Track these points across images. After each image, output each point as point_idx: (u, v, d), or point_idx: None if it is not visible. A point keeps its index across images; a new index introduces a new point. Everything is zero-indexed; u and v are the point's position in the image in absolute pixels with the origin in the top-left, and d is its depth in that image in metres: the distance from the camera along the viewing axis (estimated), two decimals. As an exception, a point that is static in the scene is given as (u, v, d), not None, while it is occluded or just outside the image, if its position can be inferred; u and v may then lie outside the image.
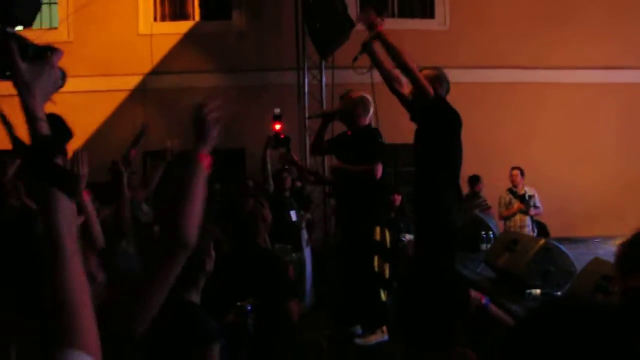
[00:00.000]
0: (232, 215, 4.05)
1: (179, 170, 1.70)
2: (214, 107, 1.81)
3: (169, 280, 1.56)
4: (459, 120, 3.91)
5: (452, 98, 4.02)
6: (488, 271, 4.50)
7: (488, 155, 8.54)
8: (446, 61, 8.93)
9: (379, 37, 3.71)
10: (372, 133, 4.65)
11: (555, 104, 9.26)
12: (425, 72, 3.90)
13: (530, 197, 7.55)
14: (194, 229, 1.60)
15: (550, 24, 9.16)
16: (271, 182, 5.91)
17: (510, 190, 7.71)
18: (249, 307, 2.72)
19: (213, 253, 2.33)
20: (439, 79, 3.92)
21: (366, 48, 3.90)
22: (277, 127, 6.70)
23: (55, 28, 9.40)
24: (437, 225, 3.74)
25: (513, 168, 7.77)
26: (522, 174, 7.76)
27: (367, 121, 4.69)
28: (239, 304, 2.74)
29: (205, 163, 1.69)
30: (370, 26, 3.82)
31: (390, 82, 4.05)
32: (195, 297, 2.28)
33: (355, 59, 3.99)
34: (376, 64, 4.03)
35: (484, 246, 5.44)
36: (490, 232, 5.61)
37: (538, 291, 3.67)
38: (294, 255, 5.16)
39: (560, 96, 9.25)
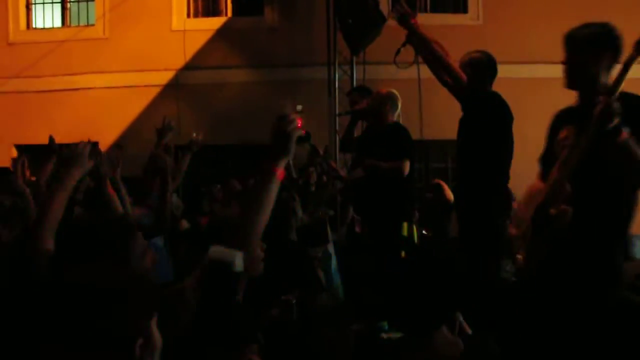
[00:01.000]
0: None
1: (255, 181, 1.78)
2: (293, 119, 1.77)
3: None
4: (506, 112, 3.79)
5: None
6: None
7: (522, 150, 8.41)
8: (479, 56, 8.89)
9: (410, 27, 3.62)
10: (400, 129, 4.64)
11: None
12: (472, 55, 3.81)
13: None
14: (258, 236, 1.70)
15: (583, 18, 8.93)
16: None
17: None
18: (294, 301, 2.73)
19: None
20: (480, 65, 3.83)
21: (409, 39, 3.85)
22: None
23: (92, 25, 9.62)
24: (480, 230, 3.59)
25: None
26: None
27: (394, 117, 4.68)
28: (283, 297, 2.74)
29: (280, 175, 1.74)
30: (402, 19, 3.79)
31: (437, 70, 3.95)
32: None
33: (398, 51, 3.92)
34: (421, 51, 3.93)
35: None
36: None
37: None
38: (318, 249, 5.16)
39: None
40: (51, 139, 3.53)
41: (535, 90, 9.06)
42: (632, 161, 2.42)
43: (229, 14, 9.63)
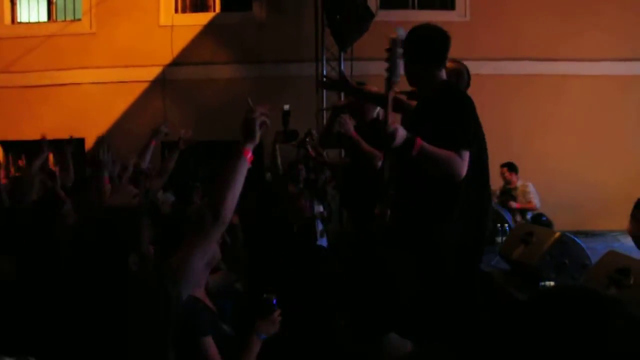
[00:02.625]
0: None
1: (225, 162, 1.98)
2: (263, 113, 2.09)
3: (205, 251, 1.90)
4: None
5: (472, 91, 4.00)
6: (502, 264, 4.49)
7: (510, 147, 8.50)
8: (466, 53, 8.86)
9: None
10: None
11: (574, 96, 9.16)
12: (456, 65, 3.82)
13: (515, 190, 7.78)
14: (230, 212, 1.92)
15: (571, 15, 9.05)
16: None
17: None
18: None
19: (215, 246, 2.36)
20: (458, 73, 3.87)
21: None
22: None
23: (79, 20, 9.56)
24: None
25: (502, 166, 7.85)
26: (510, 169, 7.88)
27: (374, 115, 4.68)
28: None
29: (248, 157, 1.99)
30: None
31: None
32: (198, 292, 2.32)
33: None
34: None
35: (499, 239, 5.42)
36: (506, 225, 5.59)
37: (552, 283, 3.66)
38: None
39: (579, 88, 9.15)
40: (43, 139, 3.61)
41: (522, 86, 9.14)
42: (436, 162, 2.79)
43: (217, 9, 9.61)
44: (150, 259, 1.85)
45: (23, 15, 9.76)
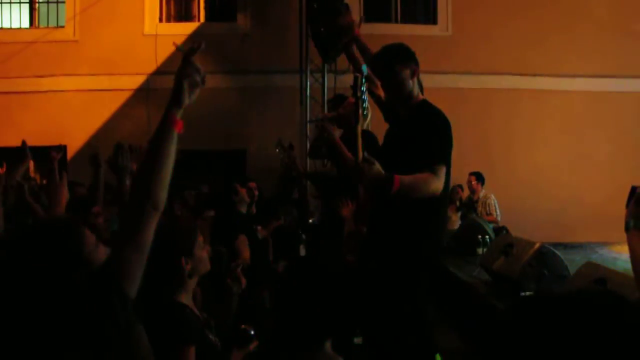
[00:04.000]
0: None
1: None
2: (192, 69, 1.72)
3: (145, 240, 1.60)
4: None
5: (454, 104, 4.09)
6: (483, 274, 4.57)
7: (490, 159, 8.64)
8: (448, 67, 9.08)
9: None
10: (368, 138, 4.71)
11: (553, 111, 9.36)
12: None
13: (476, 202, 7.73)
14: (161, 189, 1.63)
15: (552, 32, 9.26)
16: None
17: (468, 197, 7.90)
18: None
19: (201, 254, 2.35)
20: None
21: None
22: None
23: (62, 27, 9.51)
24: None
25: (470, 174, 7.74)
26: (478, 179, 7.76)
27: (364, 126, 4.74)
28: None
29: (174, 124, 1.69)
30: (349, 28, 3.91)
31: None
32: (185, 299, 2.32)
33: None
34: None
35: (480, 250, 5.51)
36: (487, 236, 5.68)
37: (532, 294, 3.73)
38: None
39: (557, 103, 9.36)
40: (24, 143, 3.57)
41: (502, 100, 9.31)
42: (415, 191, 2.89)
43: (202, 19, 9.63)
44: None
45: (5, 21, 9.67)
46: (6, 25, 9.67)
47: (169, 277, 2.26)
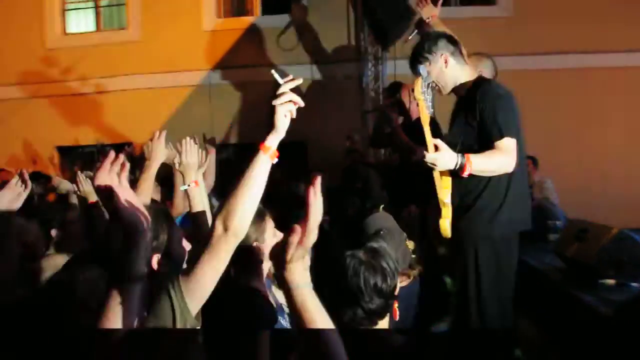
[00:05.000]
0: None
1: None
2: (288, 98, 1.71)
3: (220, 266, 1.60)
4: None
5: (516, 87, 3.94)
6: (557, 261, 4.41)
7: (554, 143, 8.32)
8: (510, 48, 8.77)
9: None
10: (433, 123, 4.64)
11: (624, 90, 8.90)
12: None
13: (531, 186, 7.42)
14: (245, 221, 1.61)
15: (619, 4, 8.79)
16: None
17: None
18: None
19: (272, 240, 2.35)
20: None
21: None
22: None
23: (124, 28, 9.81)
24: None
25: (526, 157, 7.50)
26: (534, 163, 7.45)
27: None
28: None
29: (269, 154, 1.68)
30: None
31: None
32: (259, 284, 2.33)
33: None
34: None
35: (551, 236, 5.31)
36: (558, 222, 5.48)
37: (612, 281, 3.57)
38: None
39: (630, 81, 8.89)
40: (101, 145, 3.71)
41: (567, 80, 8.93)
42: (487, 171, 2.95)
43: (257, 12, 9.72)
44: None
45: (72, 26, 10.07)
46: (74, 30, 10.07)
47: (246, 264, 2.27)
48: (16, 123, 9.56)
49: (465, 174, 2.85)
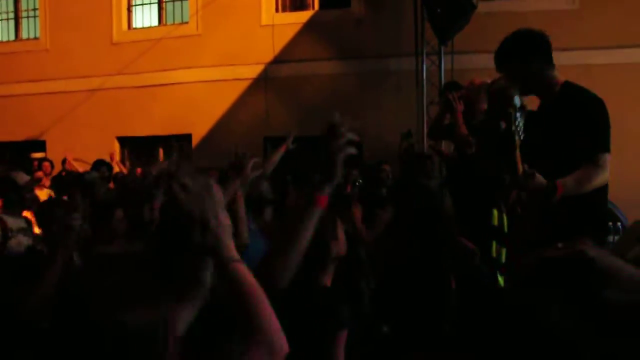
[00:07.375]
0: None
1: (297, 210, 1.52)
2: (342, 137, 1.52)
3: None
4: None
5: (582, 82, 3.80)
6: (616, 264, 4.26)
7: (621, 142, 7.99)
8: (575, 42, 8.47)
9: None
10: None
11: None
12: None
13: None
14: (289, 273, 1.50)
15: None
16: None
17: None
18: None
19: (342, 237, 2.29)
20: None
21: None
22: None
23: (186, 23, 10.07)
24: None
25: None
26: None
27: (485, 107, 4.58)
28: None
29: (321, 203, 1.53)
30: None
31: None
32: (328, 281, 2.25)
33: None
34: None
35: (610, 237, 5.13)
36: (619, 223, 5.29)
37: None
38: None
39: None
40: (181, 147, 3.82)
41: (635, 75, 8.55)
42: (580, 190, 2.71)
43: (316, 7, 9.76)
44: None
45: (137, 21, 10.42)
46: (139, 25, 10.42)
47: (319, 262, 2.23)
48: (81, 114, 10.00)
49: (558, 196, 2.65)
